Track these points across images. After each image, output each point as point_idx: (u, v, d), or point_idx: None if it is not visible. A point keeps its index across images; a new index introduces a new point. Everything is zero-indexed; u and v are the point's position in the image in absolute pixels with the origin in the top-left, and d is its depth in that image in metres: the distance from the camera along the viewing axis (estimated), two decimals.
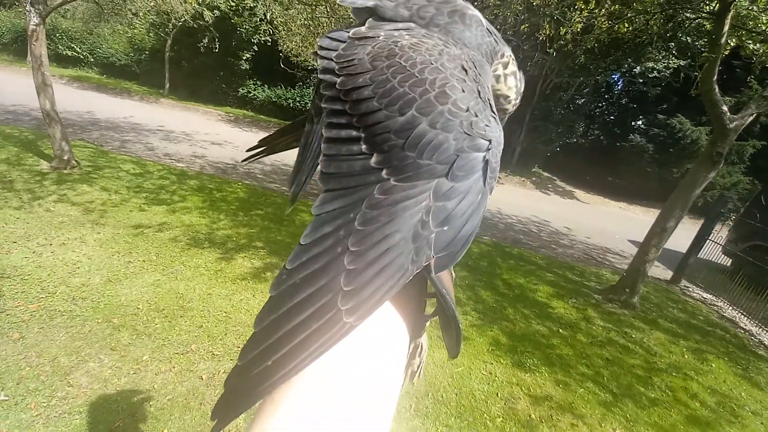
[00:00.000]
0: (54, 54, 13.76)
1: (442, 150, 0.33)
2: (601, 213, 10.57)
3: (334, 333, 0.29)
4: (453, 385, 2.42)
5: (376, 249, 0.31)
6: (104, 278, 2.74)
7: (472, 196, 0.34)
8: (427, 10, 0.46)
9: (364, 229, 0.32)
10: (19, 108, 7.42)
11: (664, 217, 4.02)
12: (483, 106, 0.37)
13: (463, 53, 0.41)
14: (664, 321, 4.01)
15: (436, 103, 0.34)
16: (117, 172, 4.94)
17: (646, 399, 2.67)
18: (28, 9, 3.94)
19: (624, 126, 14.75)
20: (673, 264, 5.71)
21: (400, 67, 0.37)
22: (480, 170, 0.34)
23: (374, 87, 0.36)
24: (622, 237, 7.88)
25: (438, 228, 0.32)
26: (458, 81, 0.37)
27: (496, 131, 0.36)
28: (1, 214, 3.25)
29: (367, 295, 0.30)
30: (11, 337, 2.04)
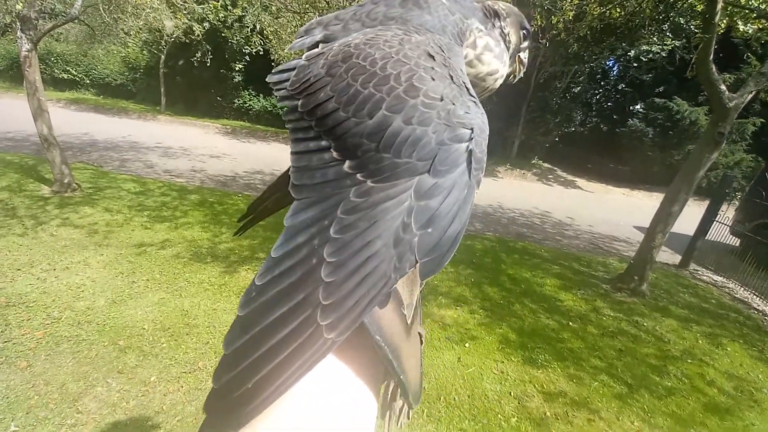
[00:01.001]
0: (50, 78, 13.90)
1: (421, 145, 0.31)
2: (605, 201, 10.48)
3: (315, 350, 0.28)
4: (465, 386, 2.39)
5: (356, 258, 0.29)
6: (109, 300, 2.74)
7: (457, 191, 0.31)
8: (377, 11, 0.44)
9: (341, 237, 0.30)
10: (18, 134, 7.48)
11: (668, 201, 3.96)
12: (459, 92, 0.34)
13: (426, 38, 0.38)
14: (675, 307, 3.96)
15: (406, 98, 0.32)
16: (118, 191, 4.96)
17: (662, 388, 2.63)
18: (19, 35, 3.97)
19: (622, 112, 14.66)
20: (681, 248, 5.64)
21: (360, 67, 0.35)
22: (464, 162, 0.32)
23: (337, 97, 0.34)
24: (627, 224, 7.80)
25: (421, 230, 0.30)
26: (425, 70, 0.34)
27: (477, 117, 0.34)
28: (4, 242, 3.27)
29: (348, 307, 0.28)
30: (19, 365, 2.04)
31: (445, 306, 3.31)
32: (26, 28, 3.96)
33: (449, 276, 3.93)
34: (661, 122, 12.23)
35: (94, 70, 14.60)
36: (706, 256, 5.60)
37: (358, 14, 0.44)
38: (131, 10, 4.83)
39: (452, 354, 2.68)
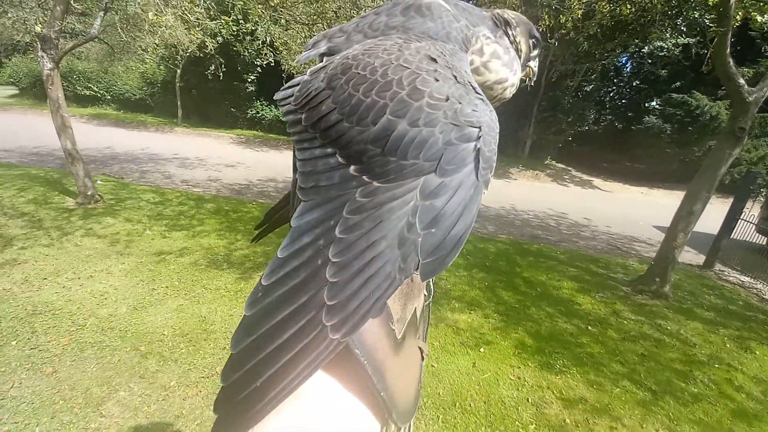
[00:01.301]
0: (73, 94, 14.54)
1: (428, 146, 0.31)
2: (622, 200, 10.22)
3: (321, 351, 0.28)
4: (480, 392, 2.35)
5: (360, 258, 0.29)
6: (130, 307, 2.82)
7: (464, 191, 0.31)
8: (379, 21, 0.43)
9: (346, 237, 0.30)
10: (43, 149, 7.84)
11: (689, 199, 3.84)
12: (465, 90, 0.34)
13: (426, 44, 0.38)
14: (700, 309, 3.81)
15: (410, 101, 0.32)
16: (138, 202, 5.13)
17: (688, 395, 2.53)
18: (41, 55, 4.17)
19: (637, 108, 14.31)
20: (704, 248, 5.44)
21: (360, 77, 0.35)
22: (471, 162, 0.31)
23: (339, 108, 0.34)
24: (646, 223, 7.57)
25: (425, 230, 0.30)
26: (428, 72, 0.34)
27: (486, 114, 0.33)
28: (31, 253, 3.42)
29: (353, 308, 0.28)
30: (45, 371, 2.12)
31: (459, 310, 3.28)
32: (47, 47, 4.15)
33: (462, 280, 3.89)
34: (679, 118, 11.88)
35: (115, 86, 15.21)
36: (731, 256, 5.39)
37: (360, 26, 0.44)
38: (148, 28, 5.02)
39: (467, 359, 2.65)
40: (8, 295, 2.78)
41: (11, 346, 2.27)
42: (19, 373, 2.09)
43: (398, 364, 0.33)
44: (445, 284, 3.72)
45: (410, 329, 0.38)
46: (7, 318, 2.52)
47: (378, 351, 0.31)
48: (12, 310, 2.60)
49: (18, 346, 2.29)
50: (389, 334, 0.33)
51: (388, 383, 0.31)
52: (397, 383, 0.33)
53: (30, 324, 2.49)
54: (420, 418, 2.11)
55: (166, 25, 4.40)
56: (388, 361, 0.32)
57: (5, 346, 2.27)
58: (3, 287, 2.86)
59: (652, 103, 13.79)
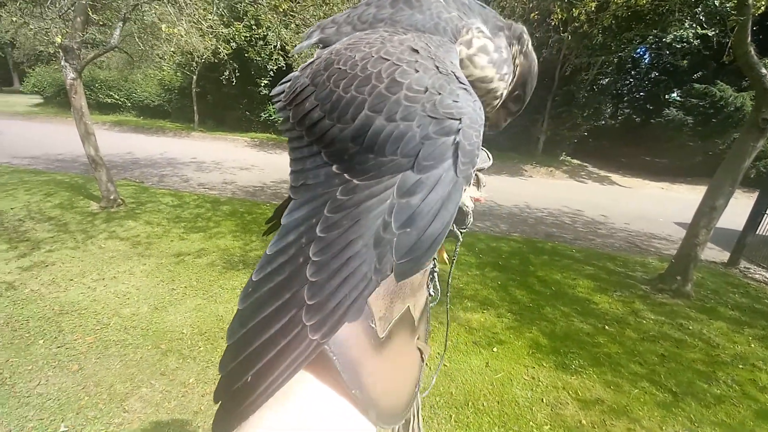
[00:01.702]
0: (95, 102, 15.10)
1: (405, 141, 0.30)
2: (641, 196, 9.91)
3: (301, 352, 0.28)
4: (493, 392, 2.34)
5: (339, 258, 0.29)
6: (151, 306, 2.92)
7: (441, 188, 0.29)
8: (368, 13, 0.42)
9: (326, 236, 0.29)
10: (67, 156, 8.18)
11: (712, 193, 3.71)
12: (446, 80, 0.32)
13: (411, 36, 0.37)
14: (724, 308, 3.67)
15: (388, 95, 0.31)
16: (158, 205, 5.30)
17: (711, 396, 2.44)
18: (64, 65, 4.35)
19: (657, 101, 13.82)
20: (729, 244, 5.23)
21: (340, 72, 0.34)
22: (450, 156, 0.30)
23: (321, 105, 0.34)
24: (667, 220, 7.33)
25: (400, 230, 0.28)
26: (408, 64, 0.32)
27: (468, 105, 0.31)
28: (59, 255, 3.58)
29: (331, 308, 0.28)
30: (71, 369, 2.22)
31: (471, 309, 3.26)
32: (70, 58, 4.33)
33: (475, 279, 3.87)
34: (701, 109, 11.40)
35: (135, 93, 15.71)
36: (757, 253, 5.16)
37: (350, 17, 0.43)
38: (164, 36, 5.18)
39: (480, 358, 2.64)
40: (36, 295, 2.92)
41: (38, 345, 2.40)
42: (46, 370, 2.19)
43: (381, 364, 0.32)
44: (457, 283, 3.71)
45: (402, 329, 0.37)
46: (35, 318, 2.65)
47: (352, 348, 0.31)
48: (39, 310, 2.74)
49: (45, 344, 2.41)
50: (367, 332, 0.32)
51: (363, 381, 0.30)
52: (379, 383, 0.32)
53: (57, 323, 2.61)
54: (432, 417, 2.11)
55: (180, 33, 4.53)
56: (365, 360, 0.31)
57: (33, 344, 2.40)
58: (31, 288, 3.01)
59: (673, 94, 13.30)
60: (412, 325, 0.40)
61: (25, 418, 1.88)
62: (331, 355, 0.29)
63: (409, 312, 0.38)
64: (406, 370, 0.38)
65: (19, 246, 3.69)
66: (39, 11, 4.30)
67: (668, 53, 12.37)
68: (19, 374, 2.14)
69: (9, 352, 2.31)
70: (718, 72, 11.35)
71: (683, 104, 12.05)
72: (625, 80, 14.81)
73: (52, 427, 1.85)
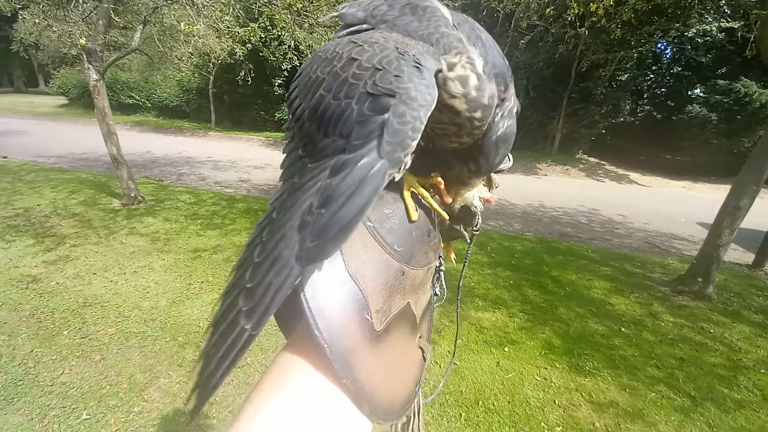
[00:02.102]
0: (117, 103, 15.60)
1: (343, 120, 0.29)
2: (662, 195, 9.61)
3: (236, 338, 0.27)
4: (504, 392, 2.32)
5: (273, 240, 0.28)
6: (169, 300, 3.02)
7: (360, 170, 0.28)
8: (380, 9, 0.42)
9: (276, 217, 0.30)
10: (91, 155, 8.49)
11: (736, 193, 3.57)
12: (397, 57, 0.30)
13: (395, 35, 0.36)
14: (747, 312, 3.54)
15: (340, 73, 0.31)
16: (176, 203, 5.44)
17: (731, 401, 2.36)
18: (87, 67, 4.52)
19: (679, 97, 13.34)
20: (753, 245, 5.02)
21: (318, 59, 0.35)
22: (376, 136, 0.28)
23: (299, 89, 0.36)
24: (689, 220, 7.09)
25: (318, 210, 0.27)
26: (370, 44, 0.32)
27: (411, 81, 0.29)
28: (83, 250, 3.73)
29: (260, 295, 0.27)
30: (93, 359, 2.32)
31: (482, 308, 3.24)
32: (93, 60, 4.49)
33: (486, 278, 3.84)
34: (726, 106, 10.96)
35: (154, 94, 16.17)
36: None
37: (369, 5, 0.43)
38: (183, 38, 5.31)
39: (491, 358, 2.62)
40: (61, 288, 3.05)
41: (63, 336, 2.51)
42: (70, 360, 2.29)
43: (376, 357, 0.32)
44: (468, 282, 3.68)
45: (401, 325, 0.36)
46: (60, 310, 2.78)
47: (344, 338, 0.30)
48: (64, 303, 2.86)
49: (69, 335, 2.52)
50: (363, 323, 0.31)
51: (356, 373, 0.30)
52: (374, 376, 0.31)
53: (81, 315, 2.73)
54: (442, 414, 2.12)
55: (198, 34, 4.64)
56: (358, 351, 0.30)
57: (58, 335, 2.51)
58: (57, 282, 3.15)
59: (695, 90, 12.82)
60: (414, 322, 0.39)
61: (47, 406, 1.96)
62: (322, 343, 0.28)
63: (409, 308, 0.38)
64: (406, 368, 0.37)
65: (45, 241, 3.86)
66: (62, 14, 4.48)
67: (690, 48, 11.93)
68: (44, 364, 2.25)
69: (34, 342, 2.42)
70: (743, 67, 10.87)
71: (707, 100, 11.59)
72: (645, 76, 14.33)
73: (74, 415, 1.93)
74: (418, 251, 0.39)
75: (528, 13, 5.53)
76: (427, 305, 0.44)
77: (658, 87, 14.78)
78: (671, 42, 12.75)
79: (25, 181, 5.92)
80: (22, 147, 9.03)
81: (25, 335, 2.47)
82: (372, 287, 0.32)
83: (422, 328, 0.43)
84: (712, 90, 11.34)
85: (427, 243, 0.41)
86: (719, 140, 11.32)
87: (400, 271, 0.36)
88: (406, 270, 0.37)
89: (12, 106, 17.52)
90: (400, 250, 0.36)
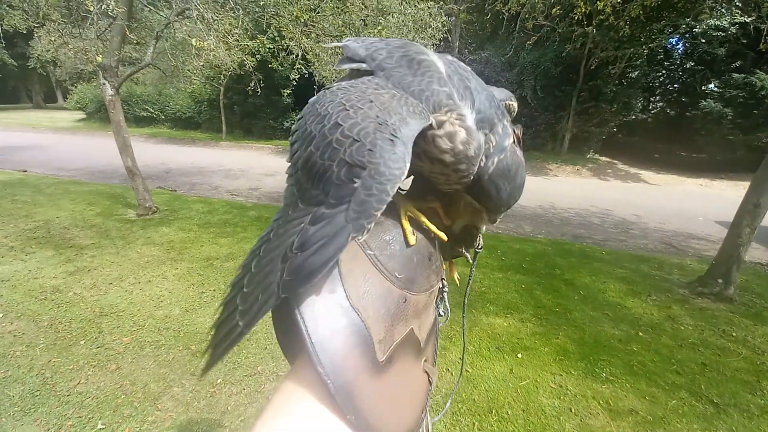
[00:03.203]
0: (132, 116, 16.06)
1: (325, 179, 0.33)
2: (677, 194, 9.35)
3: (232, 328, 0.33)
4: (518, 400, 2.28)
5: (266, 259, 0.35)
6: (183, 309, 3.06)
7: (331, 227, 0.31)
8: (380, 53, 0.43)
9: (271, 240, 0.37)
10: (108, 167, 8.73)
11: (755, 189, 3.45)
12: (374, 128, 0.33)
13: (385, 92, 0.37)
14: None
15: (327, 135, 0.34)
16: (189, 212, 5.55)
17: (755, 407, 2.27)
18: (103, 82, 4.67)
19: (693, 93, 13.06)
20: None
21: (315, 111, 0.38)
22: (347, 202, 0.32)
23: (298, 133, 0.40)
24: (707, 219, 6.88)
25: (296, 251, 0.32)
26: (355, 110, 0.35)
27: (383, 155, 0.31)
28: (100, 260, 3.83)
29: (251, 302, 0.33)
30: (109, 368, 2.36)
31: (494, 314, 3.20)
32: (108, 75, 4.64)
33: (497, 282, 3.79)
34: (742, 101, 10.65)
35: (168, 106, 16.58)
36: None
37: (370, 47, 0.45)
38: (194, 52, 5.45)
39: (503, 365, 2.58)
40: (79, 298, 3.13)
41: (80, 345, 2.56)
42: (86, 370, 2.34)
43: (380, 389, 0.32)
44: (479, 287, 3.64)
45: (405, 352, 0.37)
46: (77, 319, 2.84)
47: (346, 371, 0.31)
48: (81, 312, 2.94)
49: (86, 345, 2.57)
50: (365, 355, 0.32)
51: (359, 405, 0.30)
52: (378, 408, 0.32)
53: (97, 325, 2.79)
54: (455, 424, 2.09)
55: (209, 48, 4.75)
56: (361, 383, 0.31)
57: (74, 345, 2.56)
58: (74, 292, 3.23)
59: (710, 85, 12.49)
60: (418, 347, 0.39)
61: (64, 416, 2.00)
62: (325, 379, 0.29)
63: (413, 334, 0.38)
64: (411, 395, 0.37)
65: (64, 252, 3.98)
66: (78, 32, 4.65)
67: (704, 42, 11.66)
68: (61, 374, 2.29)
69: (52, 352, 2.48)
70: (759, 60, 10.57)
71: (722, 95, 11.28)
72: (656, 72, 14.06)
73: (90, 424, 1.96)
74: (419, 276, 0.39)
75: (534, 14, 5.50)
76: (432, 327, 0.44)
77: (670, 83, 14.50)
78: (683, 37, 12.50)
79: (45, 194, 6.13)
80: (42, 161, 9.36)
81: (43, 345, 2.54)
82: (374, 317, 0.33)
83: (427, 351, 0.42)
84: (727, 84, 11.05)
85: (429, 267, 0.42)
86: (736, 136, 10.99)
87: (402, 298, 0.37)
88: (408, 297, 0.37)
89: (33, 122, 18.21)
90: (402, 277, 0.37)
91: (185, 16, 4.83)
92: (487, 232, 0.48)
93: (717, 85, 11.86)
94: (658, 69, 13.99)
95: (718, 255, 3.76)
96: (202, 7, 4.44)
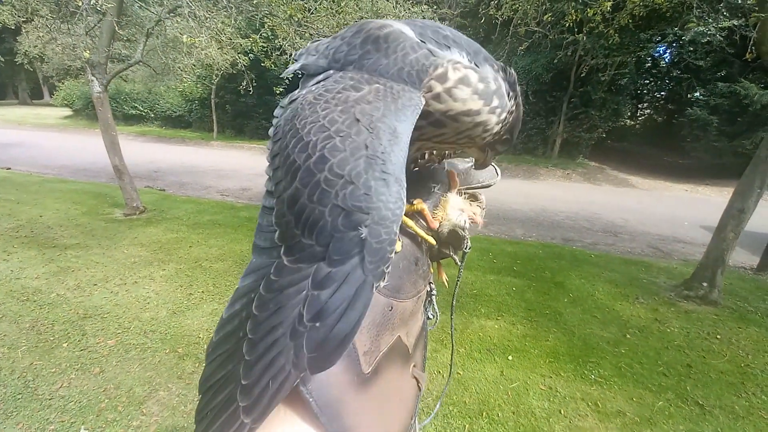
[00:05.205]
0: (121, 114, 15.79)
1: (319, 229, 0.29)
2: (664, 199, 9.55)
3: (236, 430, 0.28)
4: (509, 402, 2.28)
5: (264, 341, 0.29)
6: (170, 311, 3.00)
7: (348, 287, 0.28)
8: (340, 50, 0.41)
9: (258, 315, 0.30)
10: (94, 165, 8.56)
11: (740, 195, 3.54)
12: (366, 166, 0.30)
13: (364, 94, 0.35)
14: (754, 316, 3.48)
15: (314, 171, 0.31)
16: (178, 212, 5.46)
17: (739, 408, 2.31)
18: (91, 78, 4.57)
19: (679, 100, 13.40)
20: (758, 248, 4.96)
21: (296, 131, 0.34)
22: (357, 254, 0.29)
23: (279, 154, 0.35)
24: (692, 223, 7.03)
25: (311, 323, 0.28)
26: (342, 139, 0.31)
27: (381, 199, 0.29)
28: (84, 261, 3.73)
29: (257, 394, 0.28)
30: (92, 371, 2.30)
31: (485, 316, 3.21)
32: (96, 72, 4.55)
33: (488, 285, 3.80)
34: (726, 108, 10.97)
35: (158, 105, 16.36)
36: None
37: (328, 50, 0.42)
38: (186, 50, 5.38)
39: (494, 367, 2.58)
40: (62, 300, 3.05)
41: (63, 348, 2.49)
42: (69, 373, 2.27)
43: (366, 401, 0.31)
44: (470, 289, 3.65)
45: (392, 361, 0.36)
46: (60, 321, 2.77)
47: (330, 387, 0.30)
48: (64, 314, 2.86)
49: (69, 347, 2.50)
50: (350, 368, 0.31)
51: (346, 421, 0.30)
52: (364, 421, 0.31)
53: (81, 327, 2.72)
54: (446, 426, 2.08)
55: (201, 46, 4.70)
56: (347, 399, 0.30)
57: (57, 348, 2.49)
58: (57, 293, 3.14)
59: (696, 93, 12.83)
60: (406, 353, 0.38)
61: (46, 420, 1.94)
62: (308, 398, 0.29)
63: (400, 341, 0.37)
64: (399, 404, 0.37)
65: (46, 252, 3.87)
66: (66, 27, 4.55)
67: (691, 50, 11.97)
68: (43, 377, 2.23)
69: (33, 355, 2.40)
70: (744, 69, 10.89)
71: (707, 103, 11.61)
72: (644, 80, 14.39)
73: (72, 429, 1.90)
74: (406, 282, 0.38)
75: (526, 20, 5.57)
76: (420, 332, 0.43)
77: (657, 90, 14.84)
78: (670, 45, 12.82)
79: (29, 192, 5.97)
80: (27, 158, 9.13)
81: (24, 348, 2.46)
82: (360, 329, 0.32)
83: (416, 357, 0.42)
84: (713, 93, 11.36)
85: (416, 272, 0.40)
86: (722, 142, 11.30)
87: (388, 306, 0.35)
88: (394, 304, 0.36)
89: (19, 119, 17.77)
90: (387, 284, 0.36)
91: (177, 14, 4.77)
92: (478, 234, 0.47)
93: (702, 93, 12.18)
94: (645, 77, 14.33)
95: (703, 259, 3.83)
96: (193, 5, 4.39)
